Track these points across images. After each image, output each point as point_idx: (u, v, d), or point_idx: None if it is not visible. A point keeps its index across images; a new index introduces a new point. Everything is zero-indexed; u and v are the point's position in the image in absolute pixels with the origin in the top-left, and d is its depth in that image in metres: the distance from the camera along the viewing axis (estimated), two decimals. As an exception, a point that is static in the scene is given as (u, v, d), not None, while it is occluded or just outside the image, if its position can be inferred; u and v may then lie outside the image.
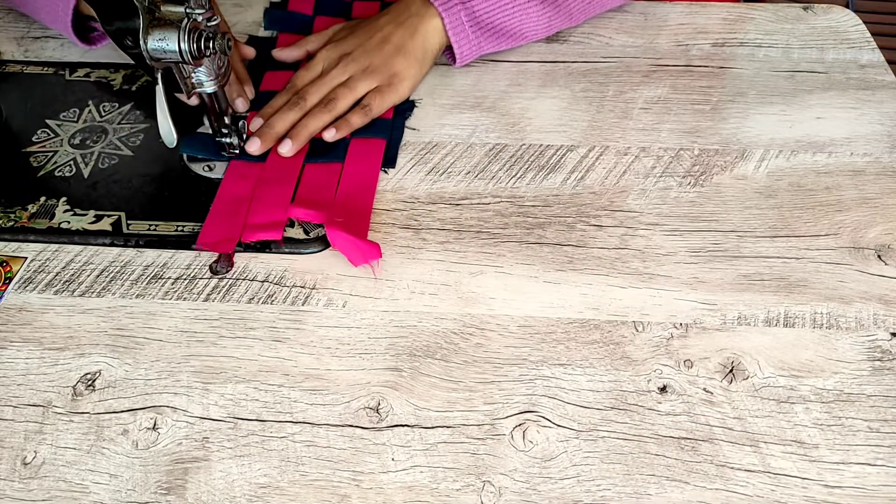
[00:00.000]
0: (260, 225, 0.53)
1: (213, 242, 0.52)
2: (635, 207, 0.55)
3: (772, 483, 0.40)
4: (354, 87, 0.61)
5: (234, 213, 0.54)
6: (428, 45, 0.64)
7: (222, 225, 0.53)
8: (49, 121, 0.63)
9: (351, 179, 0.57)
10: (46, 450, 0.42)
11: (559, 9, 0.66)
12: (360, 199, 0.55)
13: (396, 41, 0.63)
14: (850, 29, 0.70)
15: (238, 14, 0.74)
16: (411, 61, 0.63)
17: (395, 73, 0.62)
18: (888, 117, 0.61)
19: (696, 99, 0.64)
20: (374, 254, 0.51)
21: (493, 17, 0.64)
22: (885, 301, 0.48)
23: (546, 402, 0.44)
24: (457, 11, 0.63)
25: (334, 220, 0.53)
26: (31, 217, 0.55)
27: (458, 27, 0.63)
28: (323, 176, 0.57)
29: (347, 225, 0.52)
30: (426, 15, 0.63)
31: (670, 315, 0.48)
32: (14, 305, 0.50)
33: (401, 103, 0.63)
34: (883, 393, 0.44)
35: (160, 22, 0.49)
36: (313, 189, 0.56)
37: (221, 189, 0.56)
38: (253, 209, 0.54)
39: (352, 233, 0.51)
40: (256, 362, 0.46)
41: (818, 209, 0.54)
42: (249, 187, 0.56)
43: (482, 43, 0.65)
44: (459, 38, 0.64)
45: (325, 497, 0.40)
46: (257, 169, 0.58)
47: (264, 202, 0.55)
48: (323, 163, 0.58)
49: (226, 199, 0.55)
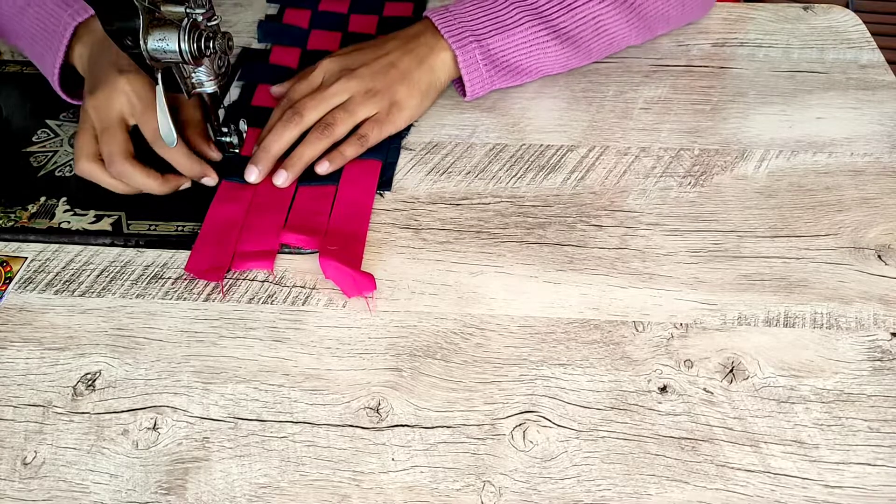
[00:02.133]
0: (251, 253, 0.52)
1: (203, 270, 0.51)
2: (635, 207, 0.55)
3: (772, 483, 0.40)
4: (354, 112, 0.58)
5: (223, 239, 0.52)
6: (434, 77, 0.61)
7: (212, 251, 0.52)
8: (49, 121, 0.63)
9: (345, 204, 0.55)
10: (46, 450, 0.42)
11: (578, 49, 0.63)
12: (354, 224, 0.53)
13: (403, 68, 0.59)
14: (850, 29, 0.70)
15: (238, 14, 0.74)
16: (414, 91, 0.60)
17: (396, 101, 0.59)
18: (888, 117, 0.61)
19: (696, 99, 0.64)
20: (368, 286, 0.49)
21: (508, 55, 0.61)
22: (885, 301, 0.48)
23: (546, 402, 0.44)
24: (471, 49, 0.60)
25: (327, 248, 0.51)
26: (31, 217, 0.55)
27: (471, 64, 0.60)
28: (316, 200, 0.55)
29: (341, 254, 0.51)
30: (436, 47, 0.60)
31: (670, 315, 0.48)
32: (14, 305, 0.50)
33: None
34: (883, 393, 0.44)
35: (160, 22, 0.49)
36: (306, 214, 0.54)
37: (211, 212, 0.54)
38: (244, 236, 0.53)
39: (345, 262, 0.50)
40: (256, 362, 0.46)
41: (818, 209, 0.54)
42: (240, 212, 0.54)
43: (495, 80, 0.62)
44: (472, 76, 0.61)
45: (325, 497, 0.40)
46: (248, 192, 0.56)
47: (255, 229, 0.53)
48: (316, 185, 0.56)
49: (216, 222, 0.54)
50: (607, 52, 0.65)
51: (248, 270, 0.51)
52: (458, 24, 0.60)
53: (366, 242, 0.52)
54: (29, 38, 0.61)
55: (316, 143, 0.57)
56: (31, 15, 0.60)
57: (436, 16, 0.61)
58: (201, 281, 0.51)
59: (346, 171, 0.57)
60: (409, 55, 0.60)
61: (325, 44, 0.70)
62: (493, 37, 0.60)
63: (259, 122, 0.60)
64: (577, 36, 0.62)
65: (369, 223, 0.54)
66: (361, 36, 0.71)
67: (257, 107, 0.63)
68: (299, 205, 0.55)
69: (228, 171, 0.57)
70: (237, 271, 0.51)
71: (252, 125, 0.60)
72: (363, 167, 0.58)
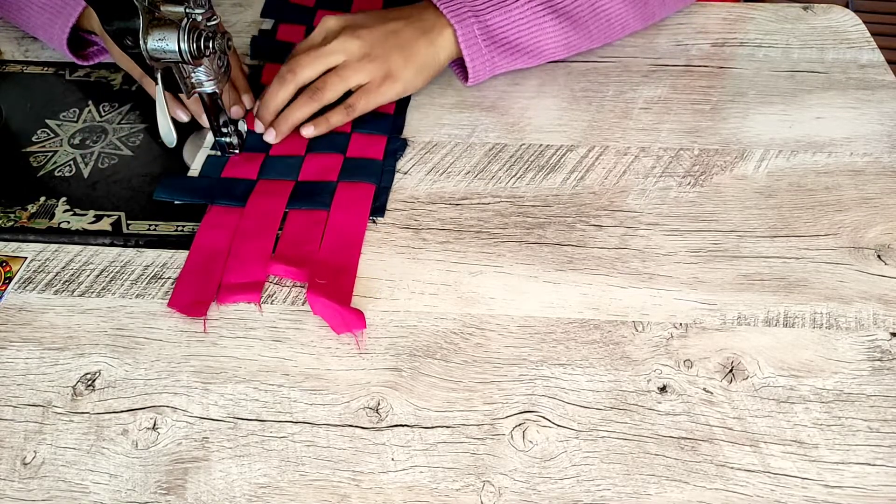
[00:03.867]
0: (237, 286, 0.50)
1: (186, 305, 0.49)
2: (635, 207, 0.55)
3: (772, 483, 0.40)
4: (346, 78, 0.59)
5: (209, 269, 0.50)
6: (434, 52, 0.61)
7: (196, 283, 0.50)
8: (49, 121, 0.63)
9: (336, 231, 0.53)
10: (46, 450, 0.42)
11: (577, 29, 0.63)
12: (345, 255, 0.51)
13: (403, 37, 0.60)
14: (850, 29, 0.70)
15: (238, 14, 0.74)
16: (410, 63, 0.60)
17: (390, 71, 0.60)
18: (888, 117, 0.61)
19: (696, 99, 0.64)
20: (357, 323, 0.47)
21: (507, 31, 0.61)
22: (885, 301, 0.48)
23: (546, 402, 0.44)
24: (470, 24, 0.60)
25: (316, 280, 0.49)
26: (31, 217, 0.55)
27: (471, 41, 0.60)
28: (306, 225, 0.53)
29: (330, 287, 0.49)
30: (437, 24, 0.61)
31: (670, 315, 0.48)
32: (14, 305, 0.50)
33: (392, 142, 0.60)
34: (883, 393, 0.44)
35: (160, 22, 0.49)
36: (295, 242, 0.52)
37: (197, 240, 0.52)
38: (230, 265, 0.51)
39: (335, 296, 0.48)
40: (256, 362, 0.46)
41: (818, 209, 0.54)
42: (227, 238, 0.52)
43: (496, 58, 0.62)
44: (472, 52, 0.61)
45: (325, 497, 0.40)
46: (235, 216, 0.54)
47: (242, 258, 0.51)
48: (306, 209, 0.54)
49: (202, 251, 0.52)
50: (608, 35, 0.66)
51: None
52: (457, 1, 0.61)
53: (356, 274, 0.50)
54: (37, 8, 0.64)
55: (304, 106, 0.58)
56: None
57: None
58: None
59: (338, 194, 0.55)
60: (412, 26, 0.61)
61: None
62: (492, 12, 0.60)
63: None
64: (575, 13, 0.62)
65: (361, 251, 0.52)
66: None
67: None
68: (289, 231, 0.53)
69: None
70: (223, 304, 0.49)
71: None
72: (356, 191, 0.56)
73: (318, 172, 0.57)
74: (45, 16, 0.64)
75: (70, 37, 0.64)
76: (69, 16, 0.63)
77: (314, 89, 0.58)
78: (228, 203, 0.55)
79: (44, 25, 0.65)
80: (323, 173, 0.57)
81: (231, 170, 0.58)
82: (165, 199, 0.55)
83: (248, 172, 0.57)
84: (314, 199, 0.55)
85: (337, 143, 0.60)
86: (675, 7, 0.71)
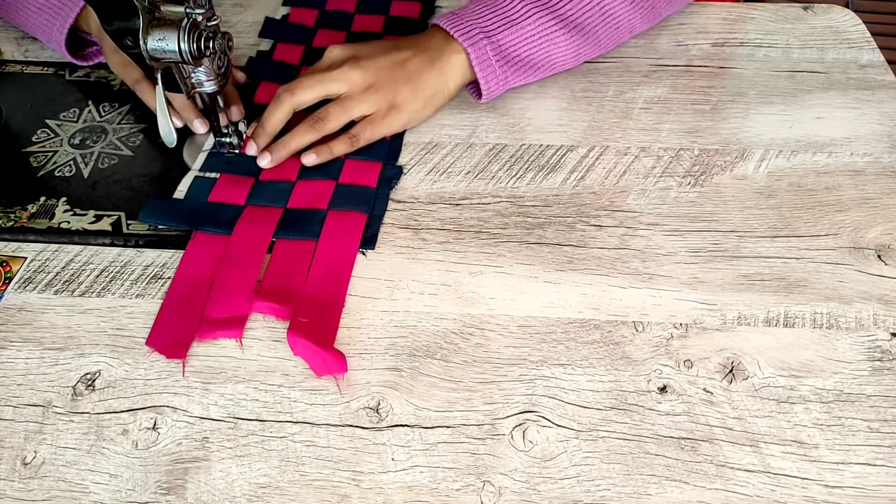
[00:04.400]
0: (218, 321, 0.48)
1: (165, 345, 0.46)
2: (635, 207, 0.55)
3: (772, 483, 0.40)
4: (348, 109, 0.57)
5: (190, 303, 0.48)
6: (442, 83, 0.60)
7: (177, 319, 0.48)
8: (49, 121, 0.63)
9: (324, 264, 0.51)
10: (46, 450, 0.42)
11: (587, 38, 0.62)
12: (331, 290, 0.49)
13: (411, 69, 0.58)
14: (850, 29, 0.70)
15: (238, 14, 0.74)
16: (417, 95, 0.59)
17: (396, 103, 0.58)
18: (888, 117, 0.61)
19: (696, 99, 0.64)
20: (338, 367, 0.45)
21: (519, 50, 0.60)
22: (885, 301, 0.48)
23: (546, 402, 0.44)
24: (482, 46, 0.59)
25: (299, 319, 0.47)
26: (31, 217, 0.55)
27: (484, 62, 0.59)
28: (293, 256, 0.51)
29: (313, 327, 0.46)
30: (447, 49, 0.59)
31: (670, 315, 0.48)
32: (14, 305, 0.50)
33: (388, 170, 0.58)
34: (883, 393, 0.44)
35: (160, 22, 0.49)
36: (281, 274, 0.50)
37: (180, 270, 0.51)
38: (213, 297, 0.49)
39: (318, 336, 0.46)
40: (256, 362, 0.46)
41: (818, 209, 0.54)
42: (210, 268, 0.50)
43: (509, 77, 0.61)
44: (486, 74, 0.59)
45: (325, 497, 0.40)
46: (221, 244, 0.52)
47: (225, 289, 0.49)
48: (295, 239, 0.52)
49: (184, 282, 0.50)
50: (616, 39, 0.65)
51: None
52: (466, 24, 0.60)
53: (343, 310, 0.48)
54: (35, 9, 0.64)
55: (304, 134, 0.57)
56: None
57: (444, 20, 0.60)
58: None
59: (327, 223, 0.53)
60: (420, 56, 0.59)
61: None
62: (503, 32, 0.59)
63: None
64: (585, 23, 0.62)
65: (348, 286, 0.50)
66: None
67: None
68: (275, 262, 0.51)
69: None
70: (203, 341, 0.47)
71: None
72: (347, 220, 0.54)
73: (308, 199, 0.55)
74: (43, 17, 0.64)
75: (69, 37, 0.65)
76: (67, 17, 0.63)
77: (316, 118, 0.57)
78: (214, 230, 0.53)
79: (42, 26, 0.65)
80: (313, 200, 0.55)
81: (219, 193, 0.56)
82: (150, 223, 0.54)
83: (236, 197, 0.55)
84: (303, 229, 0.53)
85: (329, 169, 0.57)
86: (682, 4, 0.71)
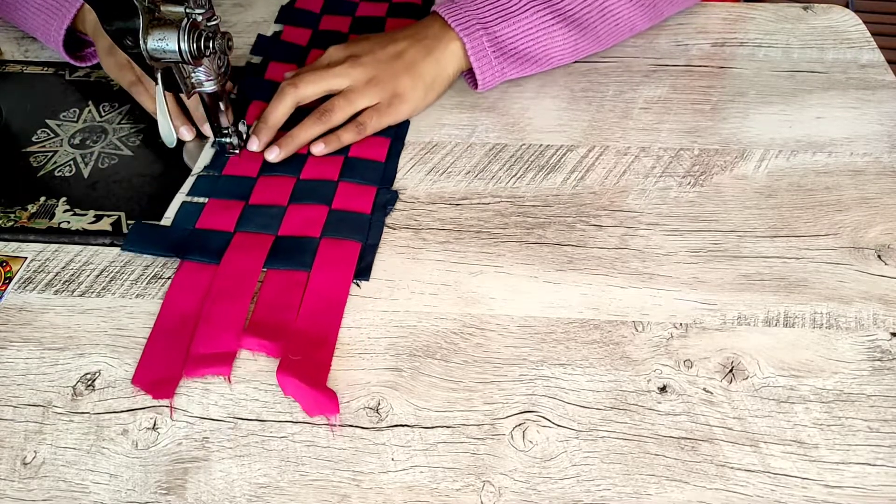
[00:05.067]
0: (205, 357, 0.45)
1: (151, 382, 0.44)
2: (635, 207, 0.55)
3: (772, 483, 0.40)
4: (353, 101, 0.58)
5: (177, 338, 0.46)
6: (440, 69, 0.61)
7: (163, 355, 0.46)
8: (49, 121, 0.63)
9: (317, 296, 0.49)
10: (46, 450, 0.42)
11: (585, 33, 0.63)
12: (324, 324, 0.47)
13: (408, 58, 0.60)
14: (850, 29, 0.70)
15: (238, 14, 0.74)
16: (418, 83, 0.60)
17: (398, 92, 0.59)
18: (888, 117, 0.61)
19: (696, 99, 0.64)
20: (330, 408, 0.43)
21: (516, 42, 0.61)
22: (885, 301, 0.48)
23: (546, 402, 0.44)
24: (479, 36, 0.60)
25: (289, 358, 0.45)
26: (31, 217, 0.55)
27: (480, 52, 0.60)
28: (284, 288, 0.49)
29: (304, 365, 0.45)
30: (444, 38, 0.60)
31: (670, 315, 0.48)
32: (14, 305, 0.50)
33: (382, 194, 0.56)
34: (883, 393, 0.44)
35: (160, 22, 0.49)
36: (272, 308, 0.48)
37: (166, 303, 0.49)
38: (200, 333, 0.47)
39: (309, 374, 0.44)
40: (256, 362, 0.46)
41: (818, 209, 0.54)
42: (198, 301, 0.48)
43: (505, 69, 0.61)
44: (482, 64, 0.60)
45: (325, 497, 0.40)
46: (209, 274, 0.50)
47: (213, 323, 0.47)
48: (286, 270, 0.50)
49: (171, 316, 0.48)
50: (615, 36, 0.65)
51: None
52: (464, 14, 0.60)
53: (336, 345, 0.47)
54: (34, 9, 0.65)
55: (311, 126, 0.57)
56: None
57: (442, 9, 0.61)
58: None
59: (320, 252, 0.51)
60: (416, 46, 0.60)
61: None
62: (500, 24, 0.60)
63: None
64: (583, 19, 0.62)
65: (341, 322, 0.48)
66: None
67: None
68: (265, 295, 0.49)
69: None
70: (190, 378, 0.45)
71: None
72: (340, 250, 0.51)
73: (300, 226, 0.53)
74: (41, 17, 0.64)
75: (68, 38, 0.65)
76: (64, 17, 0.63)
77: (322, 111, 0.58)
78: (202, 259, 0.51)
79: (40, 27, 0.65)
80: (305, 227, 0.53)
81: (207, 219, 0.54)
82: (134, 252, 0.52)
83: (226, 223, 0.53)
84: (294, 258, 0.51)
85: (322, 194, 0.55)
86: (684, 4, 0.71)
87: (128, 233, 0.53)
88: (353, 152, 0.59)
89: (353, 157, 0.58)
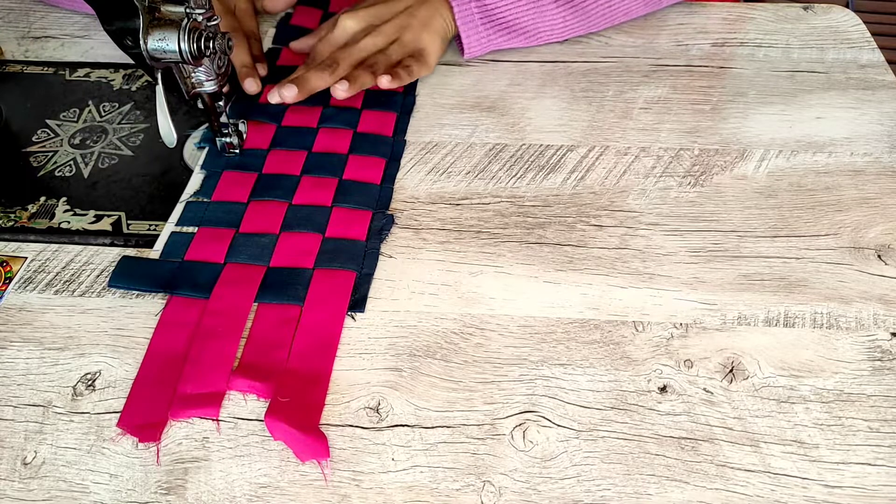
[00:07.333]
0: (192, 397, 0.44)
1: (137, 425, 0.43)
2: (635, 207, 0.55)
3: (772, 483, 0.40)
4: (390, 56, 0.61)
5: (165, 378, 0.45)
6: (446, 24, 0.64)
7: (150, 397, 0.44)
8: (49, 121, 0.63)
9: (310, 332, 0.47)
10: (46, 450, 0.42)
11: (576, 10, 0.64)
12: (317, 362, 0.46)
13: (421, 17, 0.63)
14: (850, 29, 0.71)
15: (238, 14, 0.74)
16: (435, 37, 0.63)
17: (422, 48, 0.62)
18: (888, 117, 0.61)
19: (696, 99, 0.64)
20: (321, 452, 0.41)
21: (505, 12, 0.63)
22: (885, 301, 0.48)
23: (546, 402, 0.44)
24: (467, 2, 0.63)
25: (279, 400, 0.43)
26: (31, 217, 0.55)
27: (467, 18, 0.63)
28: (276, 324, 0.47)
29: (295, 407, 0.43)
30: (435, 1, 0.63)
31: (670, 315, 0.48)
32: (14, 305, 0.50)
33: (378, 219, 0.54)
34: (883, 393, 0.44)
35: (160, 22, 0.49)
36: (263, 347, 0.46)
37: (153, 342, 0.47)
38: (187, 372, 0.45)
39: (299, 418, 0.43)
40: (256, 362, 0.46)
41: (818, 209, 0.54)
42: (186, 338, 0.47)
43: (492, 37, 0.64)
44: (468, 31, 0.63)
45: (325, 497, 0.40)
46: (197, 310, 0.48)
47: (201, 363, 0.45)
48: (278, 304, 0.48)
49: (158, 355, 0.46)
50: (609, 18, 0.67)
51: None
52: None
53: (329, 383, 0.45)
54: None
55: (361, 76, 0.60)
56: None
57: None
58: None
59: (313, 284, 0.49)
60: (424, 5, 0.63)
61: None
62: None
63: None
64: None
65: (336, 355, 0.46)
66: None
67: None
68: (256, 332, 0.47)
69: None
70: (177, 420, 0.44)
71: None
72: (334, 281, 0.49)
73: (292, 256, 0.51)
74: None
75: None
76: None
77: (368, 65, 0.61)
78: (190, 293, 0.49)
79: None
80: (298, 257, 0.51)
81: (196, 250, 0.52)
82: (121, 288, 0.50)
83: (215, 254, 0.51)
84: (287, 292, 0.49)
85: (315, 221, 0.53)
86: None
87: (114, 268, 0.51)
88: (348, 175, 0.57)
89: (347, 179, 0.56)
